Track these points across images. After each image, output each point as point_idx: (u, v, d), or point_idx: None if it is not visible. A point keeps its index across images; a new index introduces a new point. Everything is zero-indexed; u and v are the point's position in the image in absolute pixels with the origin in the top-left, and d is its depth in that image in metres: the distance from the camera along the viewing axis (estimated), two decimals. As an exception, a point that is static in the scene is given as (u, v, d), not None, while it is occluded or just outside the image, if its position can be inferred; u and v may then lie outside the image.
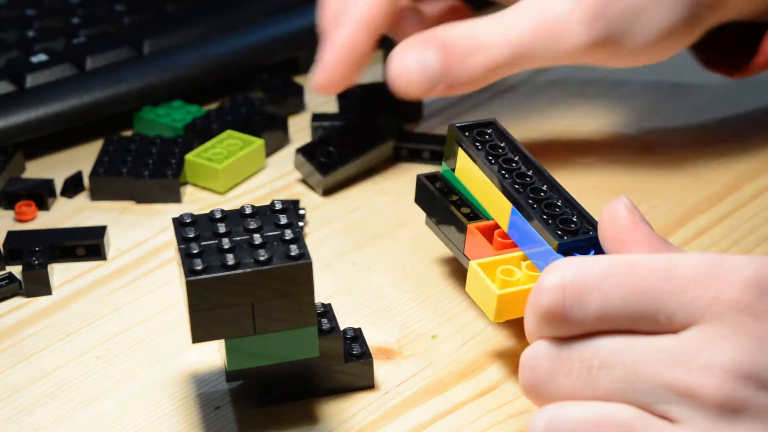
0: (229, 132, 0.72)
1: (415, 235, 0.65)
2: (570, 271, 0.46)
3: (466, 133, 0.57)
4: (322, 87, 0.67)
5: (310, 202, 0.69)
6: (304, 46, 0.82)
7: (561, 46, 0.63)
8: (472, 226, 0.57)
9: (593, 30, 0.62)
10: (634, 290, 0.46)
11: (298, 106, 0.78)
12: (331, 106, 0.78)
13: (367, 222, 0.67)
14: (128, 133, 0.75)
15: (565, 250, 0.52)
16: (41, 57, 0.77)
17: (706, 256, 0.46)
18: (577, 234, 0.52)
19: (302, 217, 0.66)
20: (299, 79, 0.81)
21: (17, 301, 0.62)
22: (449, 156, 0.58)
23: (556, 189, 0.55)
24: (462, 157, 0.57)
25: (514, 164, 0.56)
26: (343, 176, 0.70)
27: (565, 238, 0.52)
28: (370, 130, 0.71)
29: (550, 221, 0.53)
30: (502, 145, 0.57)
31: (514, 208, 0.54)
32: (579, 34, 0.62)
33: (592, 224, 0.53)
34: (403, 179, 0.70)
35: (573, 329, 0.46)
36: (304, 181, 0.70)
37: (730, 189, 0.68)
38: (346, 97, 0.77)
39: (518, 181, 0.55)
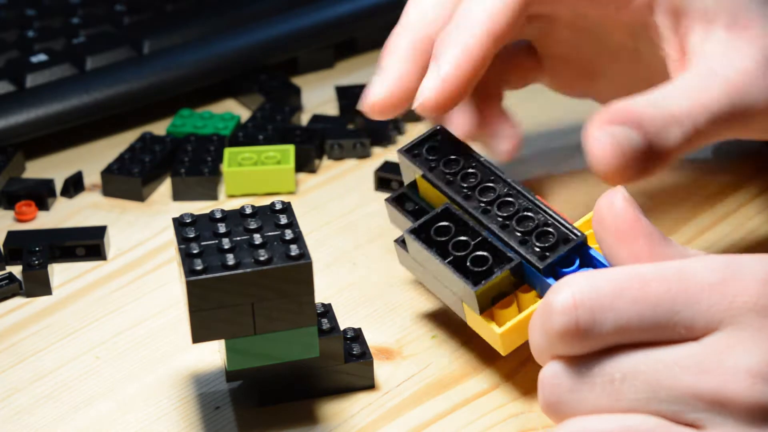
0: (284, 146, 0.71)
1: (415, 235, 0.65)
2: (579, 290, 0.45)
3: (415, 152, 0.56)
4: (434, 104, 0.58)
5: (310, 201, 0.69)
6: (304, 46, 0.82)
7: (756, 105, 0.56)
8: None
9: None
10: (649, 305, 0.45)
11: (297, 107, 0.78)
12: (331, 107, 0.78)
13: (367, 222, 0.67)
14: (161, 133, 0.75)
15: (552, 270, 0.51)
16: (41, 57, 0.77)
17: (718, 260, 0.45)
18: (557, 247, 0.51)
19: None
20: (298, 80, 0.81)
21: (17, 301, 0.62)
22: (408, 181, 0.57)
23: (521, 194, 0.53)
24: (421, 182, 0.56)
25: (472, 179, 0.54)
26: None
27: (547, 255, 0.51)
28: None
29: (527, 240, 0.52)
30: (453, 157, 0.55)
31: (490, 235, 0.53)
32: None
33: (567, 228, 0.52)
34: (403, 179, 0.70)
35: (588, 347, 0.46)
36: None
37: (731, 189, 0.68)
38: (346, 97, 0.77)
39: (483, 200, 0.54)
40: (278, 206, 0.52)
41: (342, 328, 0.55)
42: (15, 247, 0.64)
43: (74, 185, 0.70)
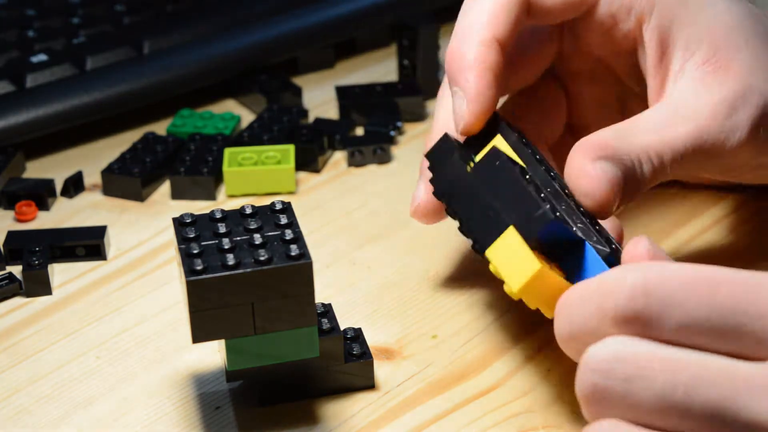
0: (284, 146, 0.71)
1: (415, 235, 0.65)
2: (654, 276, 0.43)
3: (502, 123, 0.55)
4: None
5: (310, 201, 0.69)
6: (304, 46, 0.82)
7: (722, 147, 0.56)
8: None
9: (753, 129, 0.57)
10: (717, 308, 0.42)
11: (304, 109, 0.78)
12: (331, 106, 0.78)
13: (367, 222, 0.67)
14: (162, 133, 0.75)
15: (612, 262, 0.50)
16: (41, 57, 0.77)
17: None
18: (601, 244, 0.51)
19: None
20: (298, 80, 0.81)
21: (17, 301, 0.62)
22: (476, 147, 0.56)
23: (569, 195, 0.53)
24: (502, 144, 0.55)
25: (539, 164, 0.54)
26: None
27: (612, 247, 0.50)
28: None
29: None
30: (525, 140, 0.55)
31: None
32: (739, 134, 0.56)
33: (606, 235, 0.52)
34: (404, 179, 0.70)
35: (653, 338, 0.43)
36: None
37: (729, 190, 0.67)
38: (346, 97, 0.77)
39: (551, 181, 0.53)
40: (278, 206, 0.52)
41: (342, 328, 0.55)
42: (15, 247, 0.64)
43: (74, 185, 0.71)
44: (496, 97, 0.57)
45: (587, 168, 0.53)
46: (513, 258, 0.50)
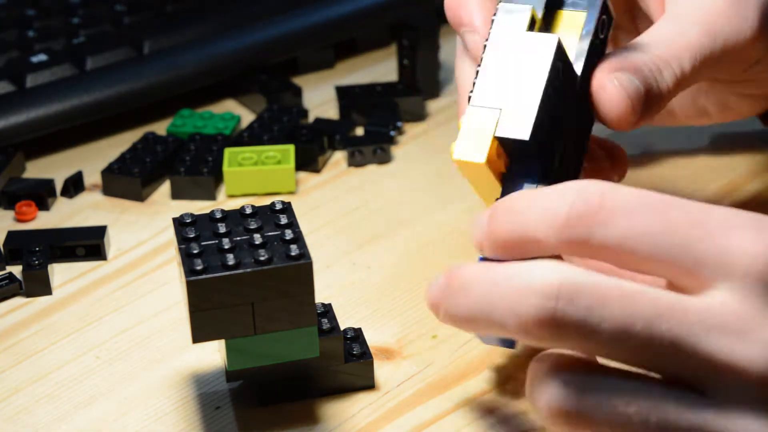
0: (284, 146, 0.71)
1: (415, 235, 0.65)
2: (610, 187, 0.44)
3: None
4: None
5: (310, 201, 0.69)
6: (304, 46, 0.82)
7: (735, 42, 0.57)
8: None
9: (762, 17, 0.58)
10: (668, 224, 0.43)
11: (304, 110, 0.78)
12: (331, 106, 0.78)
13: (367, 222, 0.67)
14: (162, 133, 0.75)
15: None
16: (41, 57, 0.77)
17: (745, 213, 0.44)
18: None
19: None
20: (298, 80, 0.81)
21: (17, 301, 0.62)
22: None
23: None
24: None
25: None
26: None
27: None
28: None
29: None
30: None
31: None
32: (749, 24, 0.57)
33: None
34: (404, 179, 0.70)
35: (590, 254, 0.44)
36: None
37: (731, 189, 0.68)
38: (346, 97, 0.77)
39: None
40: (278, 206, 0.52)
41: (342, 328, 0.55)
42: (15, 247, 0.64)
43: (74, 185, 0.70)
44: None
45: (604, 81, 0.53)
46: (477, 133, 0.51)
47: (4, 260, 0.64)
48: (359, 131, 0.75)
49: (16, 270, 0.63)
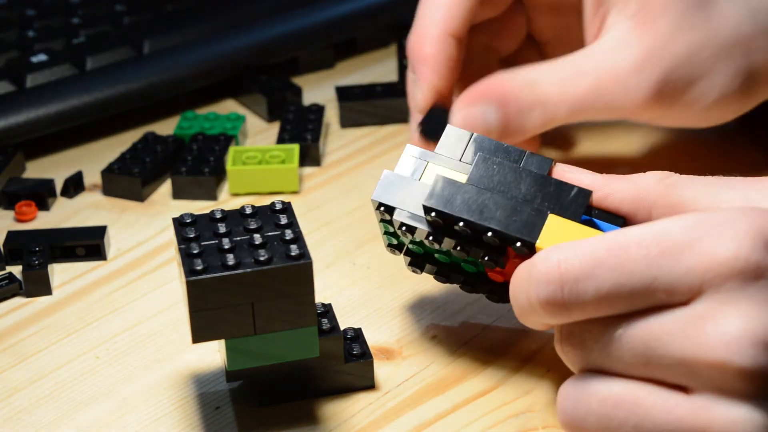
0: (289, 146, 0.71)
1: (415, 235, 0.65)
2: (564, 257, 0.45)
3: None
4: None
5: (311, 201, 0.69)
6: (304, 46, 0.82)
7: (621, 105, 0.60)
8: None
9: (656, 93, 0.59)
10: (626, 273, 0.44)
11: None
12: (331, 106, 0.78)
13: (367, 222, 0.67)
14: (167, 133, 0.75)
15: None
16: (41, 57, 0.77)
17: (691, 218, 0.45)
18: None
19: None
20: (298, 80, 0.81)
21: (17, 301, 0.62)
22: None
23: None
24: None
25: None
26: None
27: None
28: None
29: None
30: None
31: None
32: (641, 95, 0.59)
33: None
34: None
35: (570, 318, 0.46)
36: None
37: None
38: (346, 97, 0.77)
39: None
40: (278, 206, 0.52)
41: (342, 328, 0.55)
42: (15, 247, 0.64)
43: (74, 185, 0.71)
44: (450, 85, 0.62)
45: (468, 110, 0.59)
46: (571, 238, 0.50)
47: (4, 260, 0.64)
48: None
49: (16, 270, 0.63)
